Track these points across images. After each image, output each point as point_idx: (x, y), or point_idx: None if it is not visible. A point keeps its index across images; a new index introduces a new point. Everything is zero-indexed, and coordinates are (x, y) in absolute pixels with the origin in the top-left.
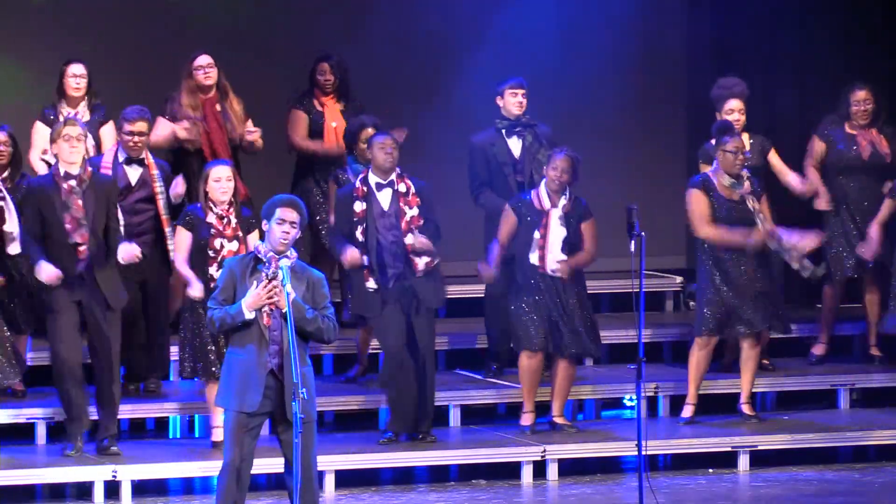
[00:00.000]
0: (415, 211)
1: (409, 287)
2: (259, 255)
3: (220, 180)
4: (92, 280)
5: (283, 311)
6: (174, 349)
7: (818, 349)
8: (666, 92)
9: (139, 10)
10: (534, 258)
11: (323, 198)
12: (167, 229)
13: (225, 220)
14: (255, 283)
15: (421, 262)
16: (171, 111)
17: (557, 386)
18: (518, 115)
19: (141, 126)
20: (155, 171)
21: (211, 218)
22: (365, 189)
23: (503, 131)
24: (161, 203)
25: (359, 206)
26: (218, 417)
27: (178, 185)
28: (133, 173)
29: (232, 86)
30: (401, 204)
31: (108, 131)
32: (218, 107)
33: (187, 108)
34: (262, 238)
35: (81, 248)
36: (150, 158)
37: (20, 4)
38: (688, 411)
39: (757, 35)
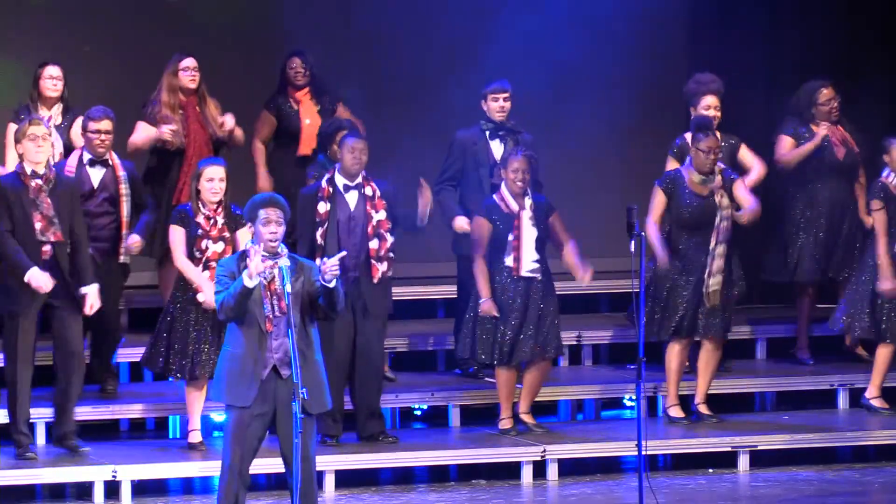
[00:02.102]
0: (381, 215)
1: (361, 293)
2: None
3: (213, 180)
4: (59, 281)
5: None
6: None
7: (806, 353)
8: (666, 92)
9: (139, 9)
10: (509, 261)
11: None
12: (124, 232)
13: (212, 220)
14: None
15: (380, 269)
16: (150, 114)
17: (528, 385)
18: (500, 119)
19: (106, 125)
20: (121, 173)
21: (199, 218)
22: (331, 190)
23: (486, 133)
24: (125, 206)
25: (322, 208)
26: (196, 419)
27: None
28: (96, 175)
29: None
30: (367, 208)
31: (77, 133)
32: (198, 108)
33: (166, 107)
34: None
35: (46, 248)
36: (115, 159)
37: (20, 4)
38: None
39: (757, 35)
